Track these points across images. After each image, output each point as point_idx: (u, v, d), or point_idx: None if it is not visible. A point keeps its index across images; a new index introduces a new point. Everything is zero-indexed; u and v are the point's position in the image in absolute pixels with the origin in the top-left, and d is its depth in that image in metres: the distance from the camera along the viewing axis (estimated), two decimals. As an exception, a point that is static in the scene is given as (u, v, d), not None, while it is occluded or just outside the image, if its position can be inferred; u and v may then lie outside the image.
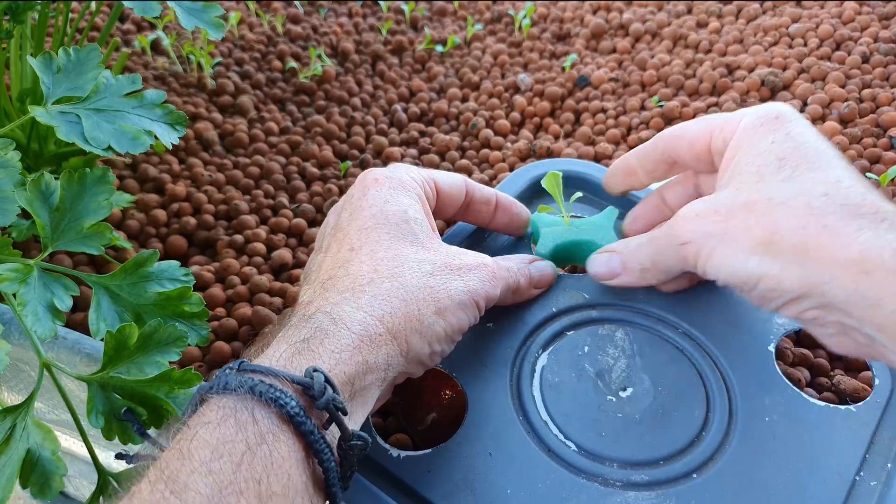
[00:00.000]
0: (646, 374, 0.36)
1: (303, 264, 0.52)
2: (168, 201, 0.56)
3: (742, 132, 0.35)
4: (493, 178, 0.60)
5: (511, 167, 0.61)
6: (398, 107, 0.69)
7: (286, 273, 0.52)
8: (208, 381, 0.26)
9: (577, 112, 0.68)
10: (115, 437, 0.31)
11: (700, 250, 0.33)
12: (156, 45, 0.74)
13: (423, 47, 0.78)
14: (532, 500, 0.31)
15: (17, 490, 0.30)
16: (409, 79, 0.75)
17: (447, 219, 0.42)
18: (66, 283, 0.34)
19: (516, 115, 0.68)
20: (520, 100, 0.69)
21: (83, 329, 0.44)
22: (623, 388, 0.36)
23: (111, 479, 0.32)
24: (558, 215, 0.43)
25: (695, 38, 0.74)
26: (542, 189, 0.45)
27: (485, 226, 0.43)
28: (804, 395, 0.35)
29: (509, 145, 0.64)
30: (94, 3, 0.66)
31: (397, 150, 0.63)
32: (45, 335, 0.31)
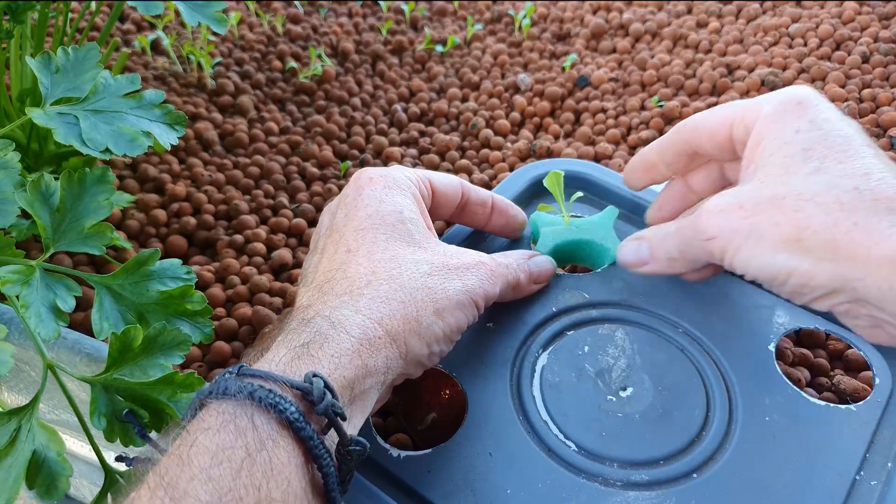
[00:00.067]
0: (646, 374, 0.36)
1: (302, 264, 0.52)
2: (168, 201, 0.56)
3: (764, 121, 0.34)
4: (493, 178, 0.60)
5: (511, 167, 0.61)
6: (398, 107, 0.69)
7: (286, 273, 0.52)
8: (208, 386, 0.26)
9: (577, 112, 0.68)
10: (116, 438, 0.31)
11: (726, 246, 0.33)
12: (156, 45, 0.74)
13: (423, 47, 0.78)
14: (532, 499, 0.31)
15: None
16: (409, 79, 0.75)
17: (443, 219, 0.41)
18: (69, 284, 0.34)
19: (516, 115, 0.68)
20: (520, 100, 0.69)
21: (83, 329, 0.44)
22: (623, 388, 0.36)
23: (118, 477, 0.32)
24: (558, 215, 0.43)
25: (695, 38, 0.74)
26: (542, 189, 0.45)
27: (481, 228, 0.43)
28: (804, 395, 0.35)
29: (509, 145, 0.64)
30: (94, 3, 0.66)
31: (397, 150, 0.63)
32: (48, 336, 0.31)
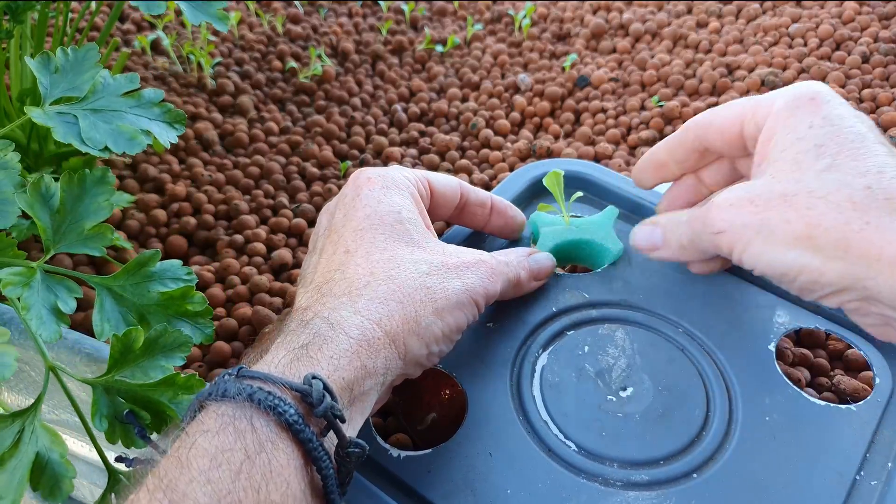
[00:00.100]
0: (646, 374, 0.36)
1: (301, 265, 0.52)
2: (168, 201, 0.56)
3: (777, 116, 0.34)
4: (493, 178, 0.60)
5: (511, 167, 0.61)
6: (398, 107, 0.69)
7: (286, 273, 0.52)
8: (207, 388, 0.26)
9: (577, 112, 0.68)
10: (118, 440, 0.31)
11: (735, 241, 0.33)
12: (156, 45, 0.74)
13: (423, 47, 0.78)
14: (532, 500, 0.31)
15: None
16: (409, 79, 0.75)
17: (442, 220, 0.41)
18: (70, 286, 0.34)
19: (516, 115, 0.68)
20: (520, 100, 0.69)
21: (83, 329, 0.44)
22: (623, 388, 0.36)
23: (122, 477, 0.32)
24: (558, 215, 0.43)
25: (695, 38, 0.74)
26: (542, 189, 0.45)
27: (480, 229, 0.43)
28: (804, 395, 0.35)
29: (509, 145, 0.64)
30: (94, 3, 0.66)
31: (397, 150, 0.63)
32: (49, 338, 0.31)
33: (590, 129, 0.65)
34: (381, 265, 0.32)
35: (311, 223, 0.56)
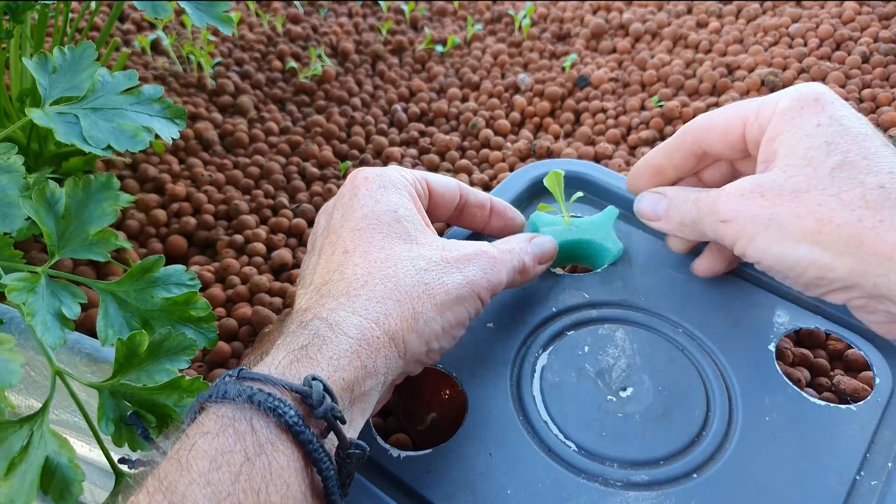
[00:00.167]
0: (646, 374, 0.36)
1: (300, 266, 0.52)
2: (168, 201, 0.56)
3: (782, 115, 0.34)
4: (493, 178, 0.60)
5: (511, 167, 0.61)
6: (398, 107, 0.69)
7: (286, 273, 0.52)
8: (207, 390, 0.26)
9: (577, 112, 0.68)
10: (125, 443, 0.32)
11: (741, 232, 0.33)
12: (156, 45, 0.74)
13: (423, 47, 0.78)
14: (532, 500, 0.31)
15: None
16: (409, 79, 0.75)
17: (441, 221, 0.41)
18: (74, 291, 0.34)
19: (516, 115, 0.68)
20: (520, 100, 0.69)
21: (83, 329, 0.44)
22: (623, 388, 0.36)
23: (128, 480, 0.32)
24: (558, 215, 0.43)
25: (695, 38, 0.74)
26: (542, 189, 0.45)
27: (479, 230, 0.43)
28: (804, 395, 0.35)
29: (509, 145, 0.64)
30: (93, 3, 0.66)
31: (397, 150, 0.63)
32: (54, 344, 0.31)
33: (590, 129, 0.65)
34: (379, 264, 0.32)
35: (311, 223, 0.56)
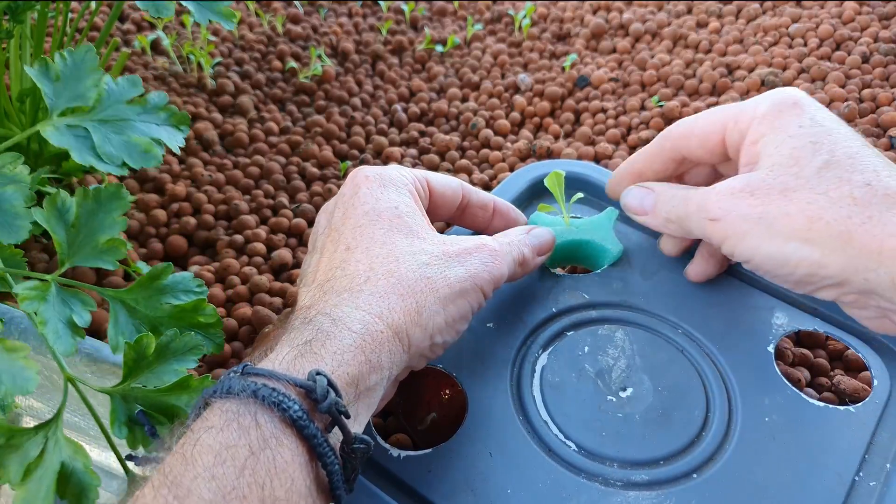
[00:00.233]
0: (646, 375, 0.36)
1: (301, 265, 0.52)
2: (168, 201, 0.56)
3: (763, 119, 0.35)
4: (493, 178, 0.60)
5: (511, 167, 0.61)
6: (398, 107, 0.69)
7: (286, 273, 0.52)
8: (212, 385, 0.26)
9: (577, 112, 0.68)
10: (139, 445, 0.32)
11: (730, 231, 0.33)
12: (156, 45, 0.74)
13: (423, 47, 0.78)
14: (532, 499, 0.32)
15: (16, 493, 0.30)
16: (409, 79, 0.75)
17: (441, 221, 0.41)
18: (84, 298, 0.35)
19: (516, 115, 0.68)
20: (520, 100, 0.69)
21: (84, 330, 0.44)
22: (623, 388, 0.36)
23: (140, 481, 0.33)
24: (558, 215, 0.43)
25: (695, 38, 0.74)
26: (542, 190, 0.45)
27: (482, 231, 0.43)
28: (803, 396, 0.35)
29: (509, 145, 0.64)
30: (93, 3, 0.66)
31: (397, 150, 0.63)
32: (66, 352, 0.32)
33: (590, 129, 0.65)
34: (381, 260, 0.32)
35: (311, 223, 0.56)
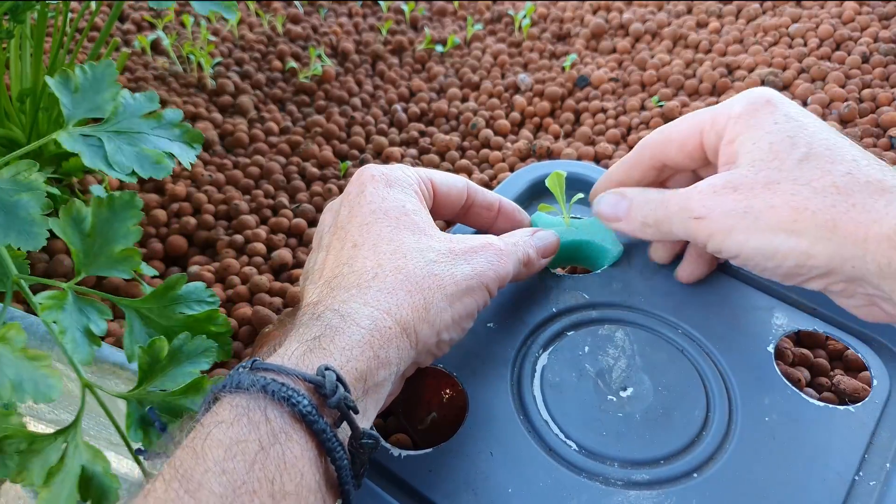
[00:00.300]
0: (646, 374, 0.36)
1: (303, 264, 0.52)
2: (168, 201, 0.56)
3: (738, 119, 0.35)
4: (493, 178, 0.60)
5: (511, 167, 0.61)
6: (398, 107, 0.69)
7: (286, 273, 0.52)
8: (222, 381, 0.26)
9: (577, 112, 0.68)
10: (155, 448, 0.32)
11: (715, 227, 0.34)
12: (156, 45, 0.74)
13: (423, 47, 0.78)
14: (533, 499, 0.32)
15: (18, 490, 0.30)
16: (409, 79, 0.75)
17: (446, 219, 0.42)
18: (100, 307, 0.35)
19: (516, 115, 0.68)
20: (520, 100, 0.69)
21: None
22: (623, 388, 0.36)
23: (146, 469, 0.33)
24: (558, 216, 0.43)
25: (695, 38, 0.74)
26: (542, 190, 0.46)
27: (486, 230, 0.43)
28: (803, 396, 0.36)
29: (509, 145, 0.64)
30: (93, 3, 0.66)
31: (397, 150, 0.63)
32: (84, 360, 0.32)
33: (590, 129, 0.65)
34: (389, 256, 0.32)
35: (312, 223, 0.56)
